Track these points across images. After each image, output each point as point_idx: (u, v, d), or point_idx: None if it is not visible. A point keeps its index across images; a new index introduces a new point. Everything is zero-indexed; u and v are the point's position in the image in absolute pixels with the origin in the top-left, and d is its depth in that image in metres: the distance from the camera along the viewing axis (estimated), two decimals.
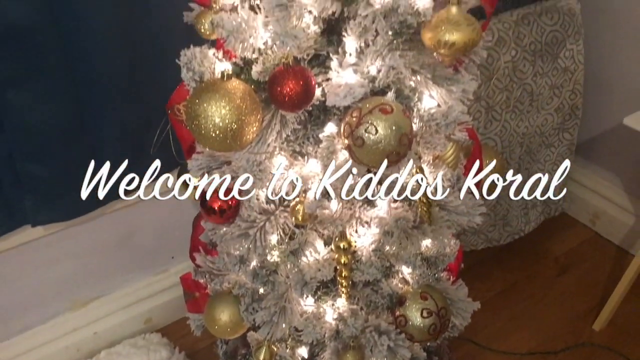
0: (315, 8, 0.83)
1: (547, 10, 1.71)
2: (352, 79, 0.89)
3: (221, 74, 0.91)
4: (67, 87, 1.25)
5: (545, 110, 1.82)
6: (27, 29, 1.15)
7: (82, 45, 1.22)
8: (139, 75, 1.33)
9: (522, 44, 1.68)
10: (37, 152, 1.28)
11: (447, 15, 0.89)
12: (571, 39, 1.75)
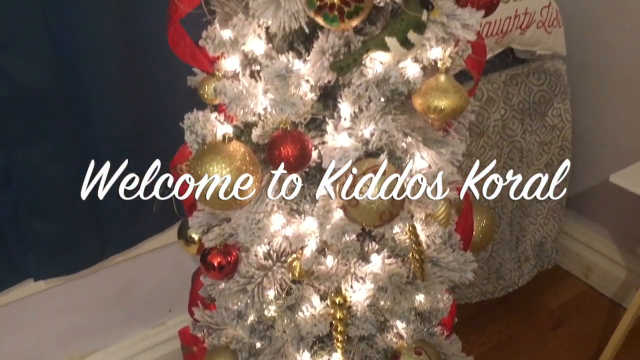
0: (312, 77, 0.88)
1: (535, 71, 1.79)
2: (347, 142, 0.94)
3: (222, 136, 0.96)
4: (73, 146, 1.30)
5: (535, 166, 1.87)
6: (38, 91, 1.21)
7: (89, 107, 1.28)
8: (142, 134, 1.39)
9: (511, 103, 1.74)
10: (42, 210, 1.32)
11: (436, 83, 0.95)
12: (558, 98, 1.82)
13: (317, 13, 0.79)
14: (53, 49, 1.20)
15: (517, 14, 1.64)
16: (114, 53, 1.28)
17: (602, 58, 1.89)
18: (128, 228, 1.47)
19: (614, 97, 1.90)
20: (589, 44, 1.90)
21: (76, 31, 1.22)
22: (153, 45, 1.30)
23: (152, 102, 1.37)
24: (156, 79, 1.35)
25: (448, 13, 0.90)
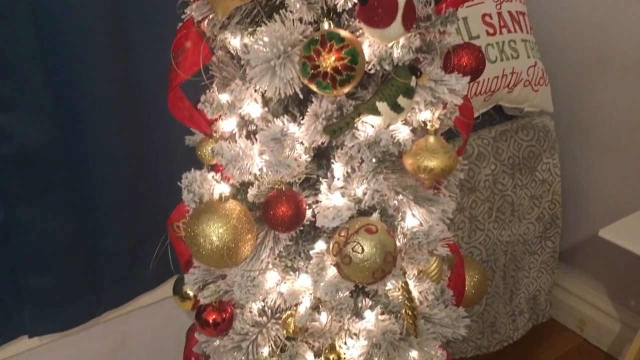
0: (306, 140, 0.92)
1: (523, 127, 1.84)
2: (340, 201, 0.97)
3: (219, 196, 0.99)
4: (72, 202, 1.32)
5: (527, 219, 1.90)
6: (40, 150, 1.24)
7: (88, 164, 1.31)
8: (140, 190, 1.42)
9: (501, 159, 1.78)
10: (40, 265, 1.33)
11: (425, 144, 0.98)
12: (547, 153, 1.87)
13: (311, 81, 0.83)
14: (55, 108, 1.24)
15: (504, 74, 1.70)
16: (114, 111, 1.33)
17: (589, 114, 1.94)
18: (123, 283, 1.48)
19: (601, 152, 1.95)
20: (576, 100, 1.95)
21: (78, 90, 1.26)
22: (152, 104, 1.34)
23: (151, 159, 1.40)
24: (155, 137, 1.39)
25: (435, 79, 0.94)
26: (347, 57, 0.81)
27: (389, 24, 0.82)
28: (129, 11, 1.27)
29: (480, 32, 1.67)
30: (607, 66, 1.84)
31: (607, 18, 1.79)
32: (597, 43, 1.84)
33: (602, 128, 1.92)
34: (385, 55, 0.89)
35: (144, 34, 1.30)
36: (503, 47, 1.70)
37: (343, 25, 0.90)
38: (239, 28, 0.92)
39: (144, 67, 1.32)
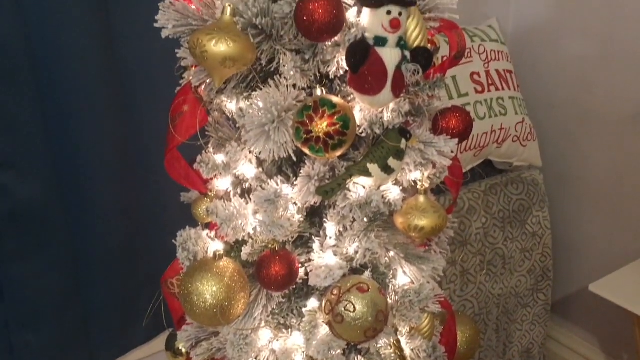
0: (299, 201, 0.94)
1: (513, 181, 1.87)
2: (332, 260, 0.98)
3: (213, 254, 1.00)
4: (66, 258, 1.33)
5: (518, 272, 1.91)
6: (35, 206, 1.26)
7: (83, 220, 1.33)
8: (134, 246, 1.43)
9: (491, 212, 1.81)
10: (32, 322, 1.33)
11: (415, 203, 1.01)
12: (537, 207, 1.90)
13: (304, 145, 0.86)
14: (52, 165, 1.26)
15: (493, 130, 1.75)
16: (109, 168, 1.35)
17: (577, 168, 1.98)
18: (116, 338, 1.47)
19: (590, 205, 1.98)
20: (564, 155, 2.00)
21: (75, 148, 1.29)
22: (148, 161, 1.37)
23: (145, 215, 1.42)
24: (150, 193, 1.41)
25: (425, 141, 0.98)
26: (339, 122, 0.84)
27: (379, 91, 0.85)
28: (129, 72, 1.31)
29: (469, 90, 1.72)
30: (592, 122, 1.89)
31: (591, 76, 1.86)
32: (582, 100, 1.90)
33: (590, 182, 1.96)
34: (375, 119, 0.92)
35: (143, 93, 1.34)
36: (491, 104, 1.75)
37: (335, 91, 0.94)
38: (235, 92, 0.95)
39: (140, 126, 1.35)
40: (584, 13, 1.82)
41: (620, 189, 1.88)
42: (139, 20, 1.14)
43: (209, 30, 0.81)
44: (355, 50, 0.84)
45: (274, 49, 0.89)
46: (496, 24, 1.92)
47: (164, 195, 1.35)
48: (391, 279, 1.06)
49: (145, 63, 1.30)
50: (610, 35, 1.78)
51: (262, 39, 0.87)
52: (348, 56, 0.84)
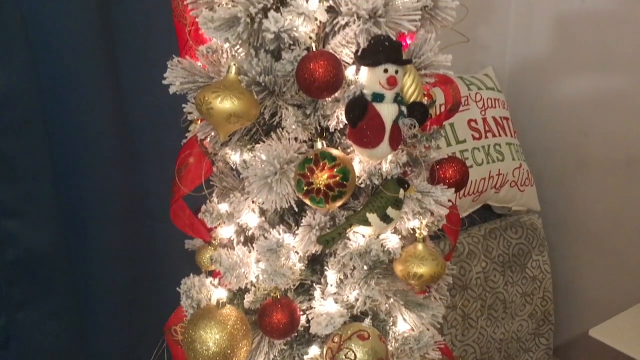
0: (300, 250, 0.97)
1: (512, 225, 1.89)
2: (333, 308, 1.00)
3: (216, 301, 1.02)
4: (72, 306, 1.35)
5: (519, 316, 1.92)
6: (42, 254, 1.29)
7: (89, 268, 1.35)
8: (138, 293, 1.45)
9: (491, 256, 1.83)
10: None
11: (414, 251, 1.03)
12: (536, 251, 1.92)
13: (305, 196, 0.89)
14: (59, 214, 1.29)
15: (491, 175, 1.78)
16: (115, 217, 1.38)
17: (575, 212, 2.01)
18: None
19: (589, 249, 2.00)
20: (561, 199, 2.03)
21: (83, 198, 1.32)
22: (153, 209, 1.40)
23: (150, 263, 1.44)
24: (154, 241, 1.43)
25: (422, 190, 1.01)
26: (339, 174, 0.88)
27: (377, 144, 0.89)
28: (136, 124, 1.35)
29: (466, 137, 1.77)
30: (589, 167, 1.93)
31: (587, 122, 1.90)
32: (579, 145, 1.93)
33: (589, 226, 1.98)
34: (374, 171, 0.96)
35: (149, 143, 1.38)
36: (489, 151, 1.79)
37: (335, 143, 0.97)
38: (238, 145, 0.99)
39: (146, 175, 1.39)
40: (579, 60, 1.88)
41: (619, 233, 1.90)
42: (147, 74, 1.19)
43: (215, 88, 0.85)
44: (354, 106, 0.87)
45: (276, 104, 0.93)
46: (492, 72, 1.98)
47: (168, 243, 1.38)
48: (391, 326, 1.08)
49: (152, 115, 1.34)
50: (605, 82, 1.82)
51: (265, 95, 0.91)
52: (347, 111, 0.88)
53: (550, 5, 1.92)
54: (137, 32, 1.28)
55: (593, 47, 1.82)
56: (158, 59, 1.00)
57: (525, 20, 2.03)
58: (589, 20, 1.81)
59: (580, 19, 1.84)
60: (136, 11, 1.27)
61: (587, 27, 1.82)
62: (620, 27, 1.75)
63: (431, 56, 0.95)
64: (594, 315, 1.83)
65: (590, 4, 1.79)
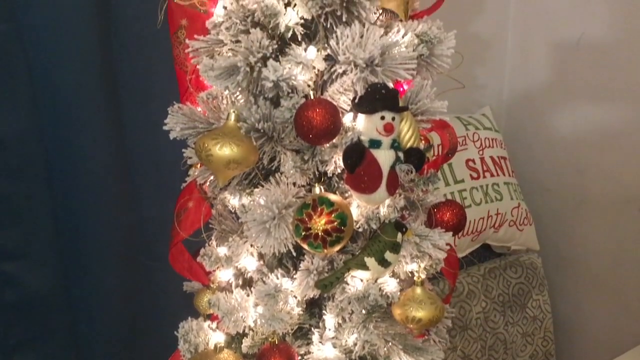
0: (299, 294, 0.97)
1: (511, 264, 1.89)
2: (332, 352, 1.00)
3: (214, 346, 1.02)
4: (70, 348, 1.34)
5: (521, 357, 1.90)
6: (41, 296, 1.29)
7: (87, 309, 1.35)
8: (136, 334, 1.44)
9: (491, 296, 1.82)
10: None
11: (412, 295, 1.03)
12: (536, 290, 1.91)
13: (303, 241, 0.89)
14: (60, 256, 1.30)
15: (490, 215, 1.79)
16: (114, 257, 1.38)
17: (575, 251, 2.01)
18: None
19: (590, 289, 1.99)
20: (561, 238, 2.03)
21: (83, 238, 1.32)
22: (152, 250, 1.40)
23: (148, 303, 1.44)
24: (153, 282, 1.43)
25: (420, 234, 1.01)
26: (337, 220, 0.88)
27: (375, 190, 0.89)
28: (136, 166, 1.37)
29: (464, 177, 1.78)
30: (588, 206, 1.93)
31: (584, 161, 1.91)
32: (577, 184, 1.94)
33: (589, 265, 1.98)
34: (372, 215, 0.97)
35: (149, 186, 1.39)
36: (487, 190, 1.80)
37: (333, 187, 0.98)
38: (237, 189, 1.00)
39: (146, 217, 1.39)
40: (576, 99, 1.90)
41: (620, 272, 1.89)
42: (148, 118, 1.21)
43: (214, 135, 0.86)
44: (352, 152, 0.89)
45: (275, 149, 0.94)
46: (489, 112, 2.00)
47: (167, 285, 1.38)
48: None
49: (152, 158, 1.36)
50: (601, 121, 1.84)
51: (264, 141, 0.92)
52: (345, 158, 0.89)
53: (546, 45, 1.95)
54: (138, 77, 1.31)
55: (589, 86, 1.85)
56: (159, 103, 1.02)
57: (521, 59, 2.07)
58: (585, 60, 1.84)
59: (576, 59, 1.87)
60: (138, 56, 1.30)
61: (583, 67, 1.85)
62: (615, 67, 1.77)
63: (427, 103, 0.96)
64: (596, 356, 1.81)
65: (585, 43, 1.82)
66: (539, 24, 1.97)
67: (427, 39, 0.94)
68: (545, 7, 1.93)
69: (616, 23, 1.74)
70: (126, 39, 1.27)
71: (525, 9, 2.01)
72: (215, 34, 0.94)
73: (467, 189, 1.77)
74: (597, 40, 1.80)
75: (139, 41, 1.26)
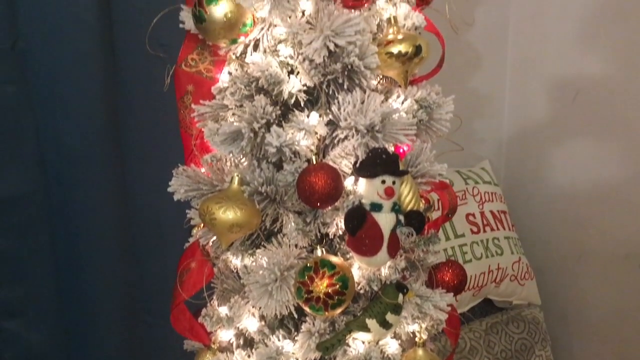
0: (300, 357, 0.96)
1: (513, 319, 1.88)
2: None
3: None
4: None
5: None
6: (41, 354, 1.28)
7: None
8: None
9: (493, 352, 1.80)
10: None
11: (414, 356, 1.04)
12: (539, 345, 1.89)
13: (305, 303, 0.90)
14: (61, 312, 1.30)
15: (490, 270, 1.79)
16: (115, 312, 1.38)
17: (577, 305, 1.99)
18: None
19: (593, 342, 1.97)
20: (562, 292, 2.02)
21: (84, 296, 1.33)
22: (154, 306, 1.40)
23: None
24: (153, 337, 1.42)
25: (421, 295, 1.02)
26: (338, 283, 0.89)
27: (376, 253, 0.90)
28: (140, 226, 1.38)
29: (465, 231, 1.78)
30: (588, 260, 1.93)
31: (584, 215, 1.92)
32: (576, 238, 1.95)
33: (590, 319, 1.96)
34: (373, 277, 0.97)
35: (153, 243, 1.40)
36: (487, 245, 1.80)
37: (335, 249, 0.99)
38: (240, 250, 1.01)
39: (148, 274, 1.40)
40: (574, 153, 1.92)
41: (622, 325, 1.88)
42: (152, 177, 1.22)
43: (218, 199, 0.88)
44: (353, 216, 0.90)
45: (277, 211, 0.95)
46: (488, 166, 2.02)
47: (167, 343, 1.37)
48: None
49: (155, 217, 1.37)
50: (599, 176, 1.86)
51: (267, 203, 0.93)
52: (346, 221, 0.91)
53: (544, 100, 1.99)
54: (143, 137, 1.34)
55: (586, 139, 1.87)
56: (162, 163, 1.04)
57: (519, 114, 2.10)
58: (581, 116, 1.87)
59: (573, 114, 1.90)
60: (144, 117, 1.32)
61: (579, 123, 1.88)
62: (612, 121, 1.80)
63: (427, 166, 0.98)
64: None
65: (581, 99, 1.86)
66: (536, 80, 2.01)
67: (427, 105, 0.97)
68: (542, 63, 1.97)
69: (611, 79, 1.77)
70: (133, 100, 1.30)
71: (522, 65, 2.06)
72: (220, 99, 0.96)
73: (468, 244, 1.77)
74: (593, 96, 1.84)
75: (145, 103, 1.29)
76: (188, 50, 0.97)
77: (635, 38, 1.69)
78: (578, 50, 1.83)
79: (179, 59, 0.98)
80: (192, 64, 0.96)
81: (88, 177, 1.28)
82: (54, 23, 1.21)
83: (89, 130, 1.27)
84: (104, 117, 1.28)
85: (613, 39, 1.74)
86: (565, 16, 1.86)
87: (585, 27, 1.81)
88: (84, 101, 1.25)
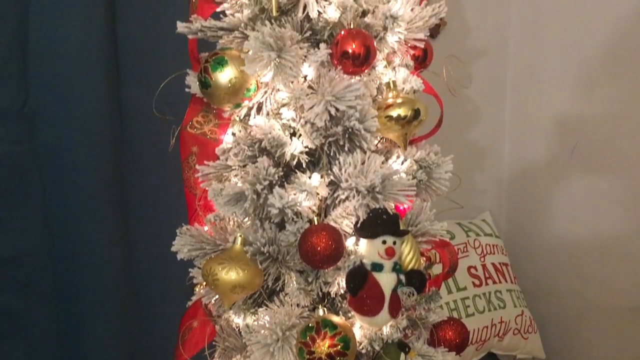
0: None
1: None
2: None
3: None
4: None
5: None
6: None
7: None
8: None
9: None
10: None
11: None
12: None
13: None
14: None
15: (493, 323, 1.78)
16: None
17: (580, 358, 1.96)
18: None
19: None
20: (566, 345, 1.99)
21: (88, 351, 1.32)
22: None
23: None
24: None
25: (423, 354, 1.01)
26: (340, 343, 0.89)
27: (377, 313, 0.91)
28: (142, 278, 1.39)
29: (467, 284, 1.78)
30: (592, 312, 1.91)
31: (586, 268, 1.91)
32: (578, 291, 1.93)
33: None
34: (375, 337, 0.97)
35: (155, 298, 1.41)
36: (490, 298, 1.80)
37: (336, 307, 1.00)
38: (242, 308, 1.02)
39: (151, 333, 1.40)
40: (573, 205, 1.92)
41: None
42: (155, 232, 1.24)
43: (221, 259, 0.89)
44: (354, 276, 0.91)
45: (279, 270, 0.96)
46: (489, 217, 2.03)
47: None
48: None
49: (159, 276, 1.38)
50: (599, 227, 1.86)
51: (269, 263, 0.94)
52: (348, 280, 0.91)
53: (543, 151, 2.00)
54: (147, 198, 1.36)
55: (586, 191, 1.88)
56: (167, 221, 1.05)
57: (519, 166, 2.12)
58: (581, 167, 1.88)
59: (573, 165, 1.92)
60: (148, 178, 1.35)
61: (579, 173, 1.89)
62: (610, 174, 1.81)
63: (427, 225, 0.99)
64: None
65: (580, 151, 1.87)
66: (535, 131, 2.03)
67: (426, 165, 0.99)
68: (541, 114, 2.00)
69: (611, 129, 1.79)
70: (139, 160, 1.33)
71: (520, 117, 2.09)
72: (224, 160, 0.98)
73: (470, 297, 1.77)
74: (593, 147, 1.86)
75: (151, 162, 1.32)
76: (193, 113, 0.99)
77: (636, 86, 1.71)
78: (576, 100, 1.86)
79: (184, 122, 1.01)
80: (197, 127, 0.99)
81: (93, 235, 1.29)
82: (63, 84, 1.25)
83: (95, 189, 1.29)
84: (110, 176, 1.30)
85: (611, 90, 1.77)
86: (562, 68, 1.89)
87: (584, 77, 1.84)
88: (91, 160, 1.27)
